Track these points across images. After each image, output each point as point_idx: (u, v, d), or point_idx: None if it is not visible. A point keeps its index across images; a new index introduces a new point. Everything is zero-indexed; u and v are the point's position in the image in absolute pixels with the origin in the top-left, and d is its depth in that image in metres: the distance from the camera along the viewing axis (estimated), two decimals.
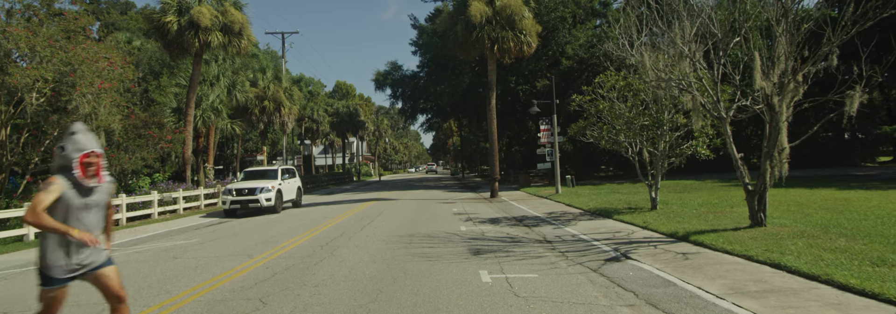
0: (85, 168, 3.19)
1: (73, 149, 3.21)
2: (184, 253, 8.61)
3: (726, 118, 8.14)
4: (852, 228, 7.31)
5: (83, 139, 3.26)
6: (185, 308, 4.97)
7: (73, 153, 3.20)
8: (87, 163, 3.20)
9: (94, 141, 3.32)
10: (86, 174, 3.20)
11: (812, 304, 4.35)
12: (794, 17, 7.21)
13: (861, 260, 5.41)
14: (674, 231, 8.33)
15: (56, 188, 3.08)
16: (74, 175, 3.17)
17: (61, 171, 3.20)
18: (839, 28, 6.93)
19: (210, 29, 17.93)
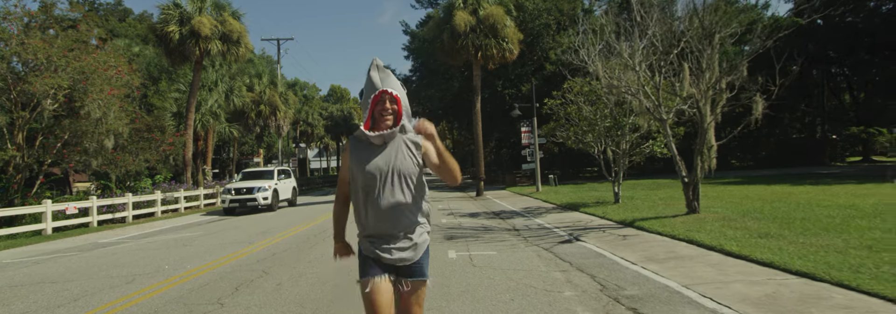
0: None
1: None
2: (192, 242, 9.72)
3: (667, 120, 9.35)
4: (768, 213, 8.54)
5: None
6: (202, 276, 6.09)
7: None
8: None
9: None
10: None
11: (698, 265, 5.54)
12: (718, 39, 8.39)
13: (752, 234, 6.62)
14: (624, 219, 9.53)
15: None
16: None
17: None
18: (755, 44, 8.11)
19: (210, 38, 19.05)
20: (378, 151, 2.31)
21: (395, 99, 2.32)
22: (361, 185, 2.29)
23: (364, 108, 2.35)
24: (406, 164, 2.30)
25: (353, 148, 2.36)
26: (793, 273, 4.82)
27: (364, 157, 2.30)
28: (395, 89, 2.33)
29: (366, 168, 2.27)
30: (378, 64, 2.38)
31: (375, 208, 2.26)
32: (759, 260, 5.39)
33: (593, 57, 9.98)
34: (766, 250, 5.69)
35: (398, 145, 2.33)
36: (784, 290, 4.35)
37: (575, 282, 5.19)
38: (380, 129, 2.32)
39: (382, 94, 2.31)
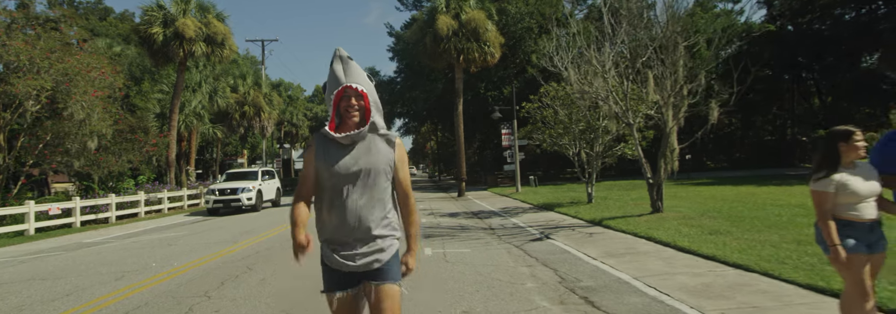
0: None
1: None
2: (176, 241, 9.98)
3: (634, 124, 9.90)
4: (725, 213, 9.13)
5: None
6: (189, 272, 6.42)
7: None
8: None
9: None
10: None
11: (651, 259, 6.04)
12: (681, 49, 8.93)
13: (705, 232, 7.17)
14: (593, 218, 10.05)
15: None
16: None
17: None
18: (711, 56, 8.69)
19: (194, 39, 19.19)
20: (346, 150, 2.14)
21: (360, 94, 2.13)
22: (327, 186, 2.13)
23: (328, 106, 2.17)
24: (376, 165, 2.14)
25: (318, 145, 2.17)
26: (730, 265, 5.35)
27: (330, 156, 2.13)
28: (361, 83, 2.14)
29: (333, 168, 2.11)
30: (341, 54, 2.17)
31: (340, 211, 2.10)
32: (704, 254, 5.91)
33: (566, 63, 10.50)
34: (713, 245, 6.22)
35: (368, 144, 2.16)
36: (719, 280, 4.87)
37: (538, 276, 5.64)
38: (346, 128, 2.15)
39: (346, 90, 2.12)
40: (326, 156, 2.14)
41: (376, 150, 2.17)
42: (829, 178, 2.82)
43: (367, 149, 2.16)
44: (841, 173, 2.83)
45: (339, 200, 2.11)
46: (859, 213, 2.81)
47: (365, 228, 2.12)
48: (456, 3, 20.93)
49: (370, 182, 2.13)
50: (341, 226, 2.12)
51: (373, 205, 2.14)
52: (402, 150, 2.25)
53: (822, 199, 2.83)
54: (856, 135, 2.87)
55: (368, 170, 2.13)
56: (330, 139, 2.16)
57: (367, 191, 2.13)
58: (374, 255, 2.13)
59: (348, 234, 2.12)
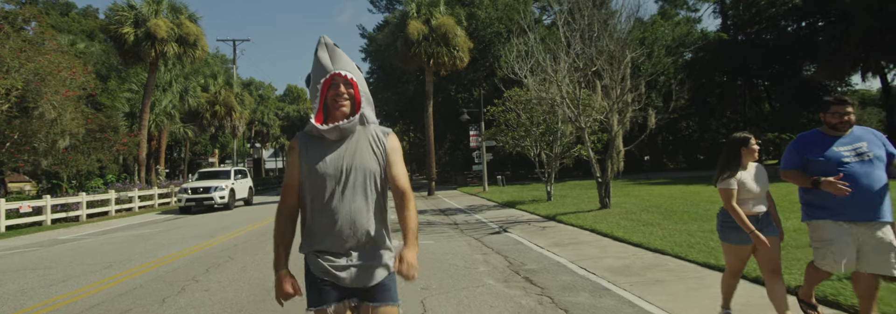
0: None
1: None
2: (154, 236, 10.42)
3: (585, 128, 10.87)
4: (663, 208, 10.18)
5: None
6: (174, 262, 6.99)
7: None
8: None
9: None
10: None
11: (589, 247, 6.95)
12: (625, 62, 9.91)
13: (639, 224, 8.15)
14: (549, 214, 10.98)
15: None
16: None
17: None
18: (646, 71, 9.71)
19: (166, 40, 19.37)
20: (333, 147, 1.92)
21: (350, 82, 1.94)
22: (312, 189, 1.90)
23: (313, 98, 1.96)
24: (368, 163, 1.92)
25: (302, 146, 1.95)
26: (650, 250, 6.29)
27: (316, 155, 1.91)
28: (350, 71, 1.95)
29: (318, 168, 1.88)
30: (327, 42, 1.99)
31: (329, 217, 1.87)
32: (633, 242, 6.85)
33: (526, 72, 11.40)
34: (641, 235, 7.18)
35: (358, 140, 1.95)
36: (638, 262, 5.78)
37: (490, 262, 6.46)
38: (334, 119, 1.93)
39: (334, 78, 1.93)
40: (312, 155, 1.91)
41: (368, 145, 1.95)
42: (732, 178, 3.23)
43: (357, 144, 1.94)
44: (740, 173, 3.25)
45: (329, 205, 1.87)
46: (752, 208, 3.24)
47: (361, 235, 1.88)
48: (426, 9, 21.69)
49: (362, 181, 1.90)
50: (333, 235, 1.87)
51: (368, 207, 1.91)
52: (396, 143, 2.02)
53: (728, 196, 3.21)
54: (752, 140, 3.31)
55: (360, 167, 1.91)
56: (314, 137, 1.94)
57: (360, 193, 1.90)
58: (373, 269, 1.90)
59: (342, 244, 1.88)
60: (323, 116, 1.96)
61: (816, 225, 3.17)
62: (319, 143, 1.95)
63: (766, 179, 3.32)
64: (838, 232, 3.04)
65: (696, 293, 4.41)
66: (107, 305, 4.70)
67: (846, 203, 3.03)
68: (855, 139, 3.15)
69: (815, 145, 3.19)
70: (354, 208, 1.89)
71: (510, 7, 31.65)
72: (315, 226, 1.92)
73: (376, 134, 2.00)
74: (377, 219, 1.95)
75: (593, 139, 14.15)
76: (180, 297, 4.88)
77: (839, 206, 3.03)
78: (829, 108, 3.17)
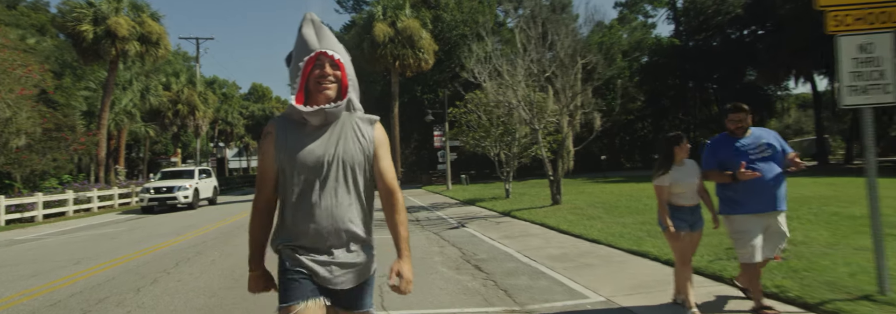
0: None
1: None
2: (119, 236, 10.54)
3: (539, 129, 11.62)
4: (608, 204, 11.03)
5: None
6: (143, 257, 7.28)
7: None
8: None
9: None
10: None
11: (536, 239, 7.64)
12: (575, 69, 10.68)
13: (584, 218, 8.93)
14: (505, 210, 11.67)
15: None
16: None
17: None
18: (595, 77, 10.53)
19: (127, 38, 19.13)
20: (315, 135, 1.74)
21: (337, 63, 1.75)
22: (289, 181, 1.73)
23: (293, 77, 1.76)
24: (353, 154, 1.76)
25: (279, 131, 1.75)
26: (588, 240, 7.03)
27: (295, 143, 1.73)
28: (338, 51, 1.78)
29: (298, 156, 1.71)
30: (313, 18, 1.80)
31: (307, 212, 1.71)
32: (574, 233, 7.59)
33: (484, 77, 12.06)
34: (582, 227, 7.93)
35: (343, 127, 1.78)
36: (574, 250, 6.50)
37: (445, 253, 7.04)
38: (317, 103, 1.73)
39: (320, 57, 1.74)
40: (290, 142, 1.73)
41: (353, 134, 1.78)
42: (666, 175, 3.51)
43: (341, 132, 1.76)
44: (674, 170, 3.53)
45: (308, 199, 1.71)
46: (684, 201, 3.56)
47: (341, 233, 1.73)
48: (393, 12, 22.16)
49: (346, 173, 1.74)
50: (311, 232, 1.72)
51: (351, 202, 1.75)
52: (383, 134, 1.86)
53: (660, 191, 3.54)
54: (684, 140, 3.60)
55: (344, 158, 1.74)
56: (293, 121, 1.75)
57: (343, 186, 1.74)
58: (353, 269, 1.77)
59: (320, 242, 1.72)
60: (304, 99, 1.75)
61: (733, 219, 3.53)
62: (299, 129, 1.74)
63: (699, 174, 3.59)
64: (752, 224, 3.43)
65: (616, 274, 5.12)
66: (85, 294, 5.04)
67: (755, 196, 3.41)
68: (755, 139, 3.56)
69: (724, 147, 3.61)
70: (336, 203, 1.72)
71: (475, 10, 32.42)
72: (291, 222, 1.73)
73: (362, 122, 1.81)
74: (360, 217, 1.78)
75: (549, 139, 14.98)
76: (154, 287, 5.26)
77: (750, 201, 3.44)
78: (728, 116, 3.63)
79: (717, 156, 3.63)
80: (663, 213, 3.53)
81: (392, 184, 1.82)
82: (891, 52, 3.39)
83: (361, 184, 1.79)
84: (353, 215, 1.77)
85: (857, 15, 3.44)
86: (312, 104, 1.74)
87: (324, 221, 1.72)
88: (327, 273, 1.74)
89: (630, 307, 3.99)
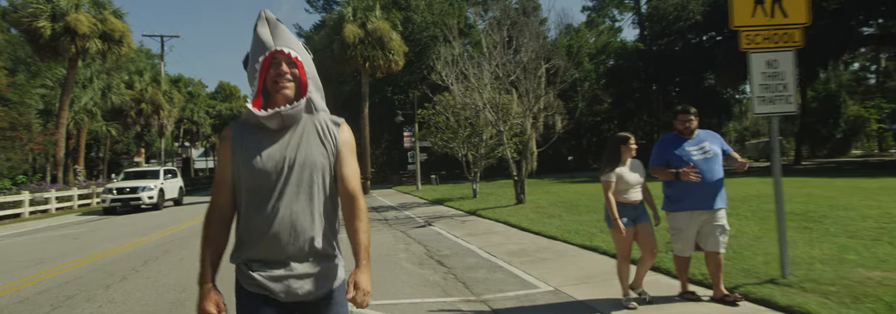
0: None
1: None
2: (82, 236, 10.41)
3: (504, 131, 12.04)
4: (569, 203, 11.54)
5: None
6: (110, 257, 7.30)
7: None
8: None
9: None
10: None
11: (498, 236, 8.02)
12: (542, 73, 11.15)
13: (544, 216, 9.37)
14: (471, 209, 12.04)
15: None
16: None
17: None
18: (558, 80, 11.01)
19: (88, 36, 18.64)
20: (274, 138, 1.66)
21: (294, 62, 1.67)
22: (247, 187, 1.65)
23: (251, 80, 1.69)
24: (315, 157, 1.67)
25: (236, 136, 1.68)
26: (545, 236, 7.44)
27: (252, 147, 1.66)
28: (295, 49, 1.69)
29: (254, 162, 1.63)
30: (268, 17, 1.72)
31: (265, 221, 1.62)
32: (533, 230, 8.00)
33: (452, 80, 12.41)
34: (542, 225, 8.35)
35: (304, 129, 1.69)
36: (532, 246, 6.89)
37: (411, 250, 7.34)
38: (275, 104, 1.66)
39: (275, 55, 1.66)
40: (247, 147, 1.66)
41: (315, 136, 1.69)
42: (612, 172, 3.74)
43: (302, 135, 1.68)
44: (620, 168, 3.76)
45: (266, 206, 1.62)
46: (629, 197, 3.79)
47: (303, 242, 1.62)
48: (362, 13, 22.28)
49: (307, 179, 1.65)
50: (269, 241, 1.61)
51: (312, 210, 1.65)
52: (349, 136, 1.77)
53: (607, 187, 3.75)
54: (631, 139, 3.81)
55: (305, 162, 1.65)
56: (251, 126, 1.68)
57: (304, 192, 1.64)
58: (317, 282, 1.65)
59: (279, 251, 1.62)
60: (263, 101, 1.67)
61: (673, 216, 3.80)
62: (257, 133, 1.66)
63: (643, 172, 3.84)
64: (688, 222, 3.71)
65: (567, 267, 5.53)
66: (53, 292, 5.12)
67: (695, 195, 3.64)
68: (700, 140, 3.83)
69: (671, 145, 3.90)
70: (296, 210, 1.61)
71: (445, 12, 32.79)
72: (248, 231, 1.64)
73: (326, 123, 1.72)
74: (323, 225, 1.67)
75: (516, 141, 15.44)
76: (124, 284, 5.37)
77: (690, 199, 3.70)
78: (677, 117, 3.95)
79: (664, 154, 3.89)
80: (611, 209, 3.73)
81: (354, 191, 1.71)
82: (793, 67, 3.89)
83: (325, 190, 1.68)
84: (314, 224, 1.65)
85: (765, 35, 3.92)
86: (272, 106, 1.65)
87: (282, 231, 1.60)
88: (283, 287, 1.61)
89: (573, 294, 4.38)
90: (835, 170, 19.76)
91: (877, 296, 3.44)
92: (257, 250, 1.64)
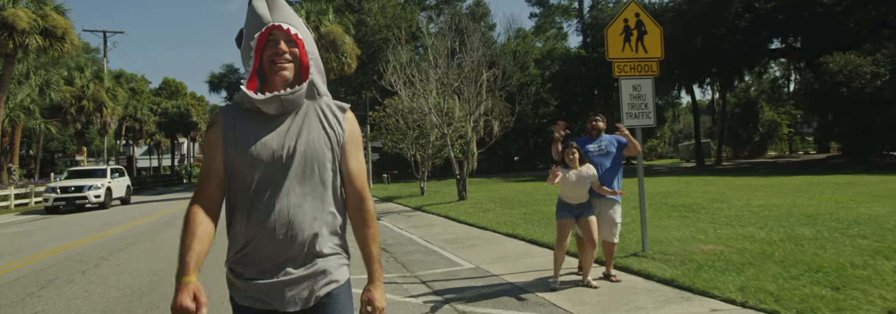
0: None
1: None
2: (32, 234, 10.60)
3: (448, 134, 13.11)
4: (506, 199, 12.76)
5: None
6: (72, 250, 7.77)
7: None
8: None
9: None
10: None
11: (437, 228, 9.06)
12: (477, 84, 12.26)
13: (481, 211, 10.51)
14: (417, 205, 13.04)
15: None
16: None
17: None
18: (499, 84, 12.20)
19: (28, 32, 18.22)
20: (272, 125, 1.46)
21: (294, 40, 1.46)
22: (242, 180, 1.44)
23: (245, 59, 1.47)
24: (318, 147, 1.47)
25: (228, 121, 1.47)
26: (477, 227, 8.55)
27: (247, 134, 1.45)
28: (293, 25, 1.47)
29: (250, 151, 1.43)
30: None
31: (263, 217, 1.42)
32: (468, 222, 9.11)
33: (399, 85, 13.35)
34: (477, 218, 9.47)
35: (306, 116, 1.50)
36: (464, 235, 7.98)
37: None
38: (273, 86, 1.45)
39: (273, 31, 1.45)
40: (241, 134, 1.46)
41: (317, 124, 1.50)
42: (561, 172, 4.21)
43: (303, 122, 1.49)
44: (571, 173, 4.25)
45: (261, 201, 1.43)
46: (572, 200, 4.29)
47: (302, 241, 1.44)
48: (316, 17, 22.79)
49: (308, 171, 1.47)
50: (264, 242, 1.43)
51: (313, 206, 1.47)
52: (355, 126, 1.59)
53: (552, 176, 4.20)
54: (569, 149, 4.30)
55: (306, 152, 1.46)
56: (245, 110, 1.49)
57: (305, 186, 1.46)
58: (316, 283, 1.47)
59: (276, 252, 1.43)
60: (258, 83, 1.48)
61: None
62: (252, 118, 1.48)
63: (592, 179, 4.32)
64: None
65: (490, 251, 6.63)
66: (31, 277, 5.69)
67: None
68: (601, 142, 4.80)
69: (582, 144, 4.73)
70: (293, 204, 1.43)
71: (398, 16, 33.65)
72: (241, 229, 1.45)
73: (331, 109, 1.54)
74: (326, 221, 1.49)
75: (461, 142, 16.57)
76: (98, 269, 6.00)
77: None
78: (588, 121, 4.91)
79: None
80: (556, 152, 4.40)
81: (362, 189, 1.54)
82: (652, 90, 5.13)
83: (329, 182, 1.48)
84: (315, 221, 1.45)
85: (632, 65, 5.15)
86: (269, 88, 1.45)
87: (279, 229, 1.41)
88: (281, 296, 1.43)
89: (489, 270, 5.47)
90: (745, 170, 22.18)
91: (696, 260, 4.72)
92: (253, 252, 1.43)
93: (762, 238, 5.61)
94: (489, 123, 13.19)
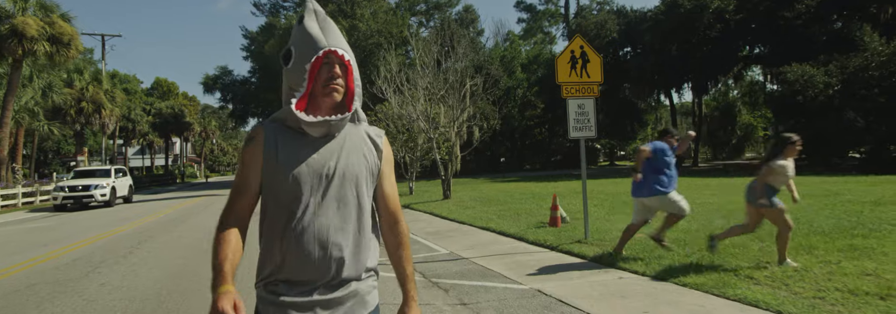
0: None
1: None
2: (52, 230, 11.62)
3: (435, 138, 14.30)
4: (487, 198, 13.99)
5: None
6: (101, 241, 8.86)
7: None
8: None
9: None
10: None
11: (422, 223, 10.26)
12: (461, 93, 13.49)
13: (463, 208, 11.73)
14: (405, 203, 14.19)
15: None
16: None
17: None
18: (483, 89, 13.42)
19: (37, 39, 19.14)
20: (315, 146, 1.47)
21: (346, 65, 1.47)
22: (280, 199, 1.43)
23: (297, 79, 1.45)
24: (355, 169, 1.48)
25: (270, 139, 1.46)
26: (457, 222, 9.77)
27: (290, 153, 1.44)
28: (347, 51, 1.48)
29: (292, 169, 1.42)
30: (317, 9, 1.53)
31: (299, 236, 1.40)
32: (450, 218, 10.33)
33: (389, 93, 14.53)
34: (458, 214, 10.69)
35: (347, 139, 1.51)
36: (445, 228, 9.19)
37: None
38: (319, 110, 1.47)
39: (329, 55, 1.45)
40: (283, 153, 1.45)
41: (357, 148, 1.52)
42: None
43: (345, 145, 1.50)
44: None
45: (298, 220, 1.41)
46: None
47: (337, 263, 1.42)
48: None
49: (346, 193, 1.46)
50: (298, 261, 1.41)
51: (349, 227, 1.45)
52: (390, 151, 1.62)
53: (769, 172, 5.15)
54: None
55: (345, 174, 1.46)
56: (287, 128, 1.48)
57: (341, 207, 1.44)
58: (349, 307, 1.45)
59: (308, 272, 1.42)
60: (306, 105, 1.47)
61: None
62: (294, 137, 1.47)
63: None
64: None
65: (464, 240, 7.84)
66: (82, 261, 6.80)
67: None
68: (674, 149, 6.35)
69: (668, 151, 6.14)
70: (330, 225, 1.42)
71: (389, 22, 34.80)
72: (275, 250, 1.42)
73: (370, 135, 1.56)
74: (361, 243, 1.47)
75: (448, 145, 17.78)
76: (133, 256, 7.12)
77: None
78: (670, 136, 6.06)
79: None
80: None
81: (396, 212, 1.61)
82: (593, 108, 6.38)
83: (365, 204, 1.49)
84: (352, 242, 1.45)
85: (577, 87, 6.39)
86: (314, 110, 1.47)
87: (313, 249, 1.40)
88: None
89: (462, 255, 6.67)
90: (716, 171, 23.62)
91: (626, 247, 5.99)
92: (287, 272, 1.42)
93: (683, 228, 6.88)
94: (472, 128, 14.39)
